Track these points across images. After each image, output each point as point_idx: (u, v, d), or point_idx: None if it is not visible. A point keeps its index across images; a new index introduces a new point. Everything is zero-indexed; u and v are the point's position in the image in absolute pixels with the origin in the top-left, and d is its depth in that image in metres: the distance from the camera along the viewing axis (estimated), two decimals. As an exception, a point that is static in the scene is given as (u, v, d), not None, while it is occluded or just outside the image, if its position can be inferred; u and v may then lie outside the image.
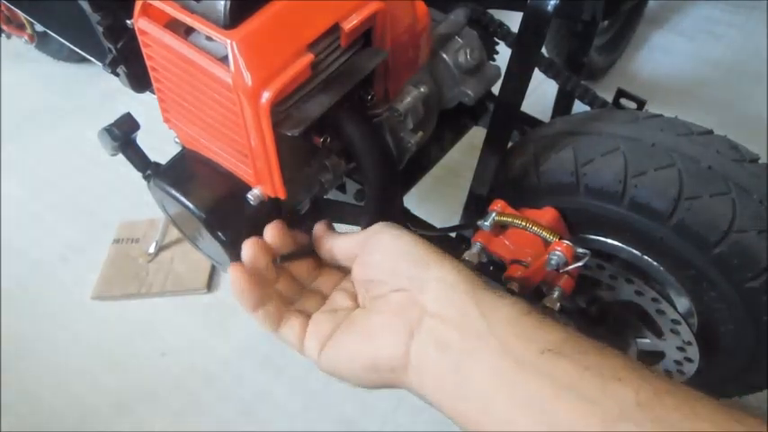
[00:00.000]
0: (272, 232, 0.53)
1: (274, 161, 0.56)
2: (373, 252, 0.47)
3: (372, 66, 0.60)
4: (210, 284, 1.25)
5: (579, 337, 0.37)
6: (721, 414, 0.32)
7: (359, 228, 0.65)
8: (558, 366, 0.36)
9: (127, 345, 1.18)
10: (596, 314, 0.81)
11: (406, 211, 0.86)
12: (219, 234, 0.61)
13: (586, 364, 0.35)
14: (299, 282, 0.54)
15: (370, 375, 0.43)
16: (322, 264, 0.55)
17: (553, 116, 1.03)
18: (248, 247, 0.51)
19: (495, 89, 0.74)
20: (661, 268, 0.73)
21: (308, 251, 0.56)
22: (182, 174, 0.65)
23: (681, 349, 0.77)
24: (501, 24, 0.84)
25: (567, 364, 0.35)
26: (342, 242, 0.52)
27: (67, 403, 1.10)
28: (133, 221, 1.37)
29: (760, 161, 0.70)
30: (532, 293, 0.74)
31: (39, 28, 1.21)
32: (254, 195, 0.60)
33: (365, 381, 0.44)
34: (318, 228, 0.55)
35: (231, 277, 0.49)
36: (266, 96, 0.51)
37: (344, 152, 0.68)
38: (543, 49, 1.12)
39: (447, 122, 0.87)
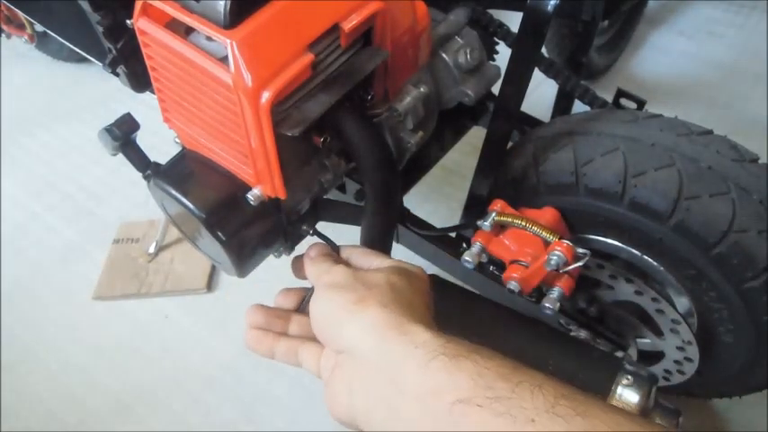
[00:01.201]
0: (281, 298, 0.60)
1: (274, 161, 0.56)
2: (312, 315, 0.50)
3: (372, 66, 0.60)
4: (210, 284, 1.25)
5: (490, 376, 0.38)
6: None
7: (359, 228, 0.65)
8: (468, 418, 0.36)
9: (127, 345, 1.18)
10: (596, 314, 0.81)
11: (406, 211, 0.86)
12: (219, 234, 0.61)
13: (499, 410, 0.36)
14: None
15: (342, 419, 0.46)
16: None
17: (553, 116, 1.03)
18: (250, 315, 0.57)
19: (495, 89, 0.74)
20: (661, 268, 0.73)
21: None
22: (182, 174, 0.65)
23: (680, 349, 0.77)
24: (501, 24, 0.84)
25: (478, 414, 0.36)
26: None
27: (67, 403, 1.10)
28: (133, 221, 1.37)
29: (760, 161, 0.70)
30: (532, 293, 0.74)
31: (39, 28, 1.21)
32: (254, 195, 0.60)
33: (345, 424, 0.47)
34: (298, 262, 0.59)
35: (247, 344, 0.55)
36: (266, 96, 0.51)
37: (344, 152, 0.68)
38: (543, 49, 1.12)
39: (447, 122, 0.87)
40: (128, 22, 0.59)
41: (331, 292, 0.48)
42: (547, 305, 0.70)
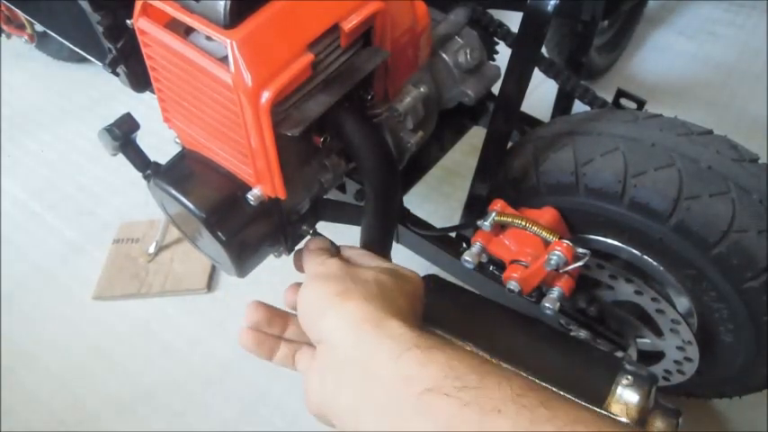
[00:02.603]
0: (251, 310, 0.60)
1: (274, 161, 0.56)
2: (298, 308, 0.50)
3: (372, 66, 0.60)
4: (210, 284, 1.25)
5: (461, 369, 0.38)
6: None
7: (359, 228, 0.65)
8: (436, 407, 0.37)
9: (127, 345, 1.18)
10: (596, 314, 0.81)
11: (406, 211, 0.86)
12: (219, 234, 0.61)
13: (466, 399, 0.36)
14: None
15: (318, 416, 0.48)
16: None
17: (553, 116, 1.03)
18: (249, 313, 0.58)
19: (495, 89, 0.74)
20: (661, 268, 0.73)
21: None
22: (182, 174, 0.65)
23: (680, 349, 0.77)
24: (501, 24, 0.84)
25: (446, 402, 0.37)
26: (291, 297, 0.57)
27: (67, 403, 1.10)
28: (133, 221, 1.37)
29: (759, 161, 0.70)
30: (532, 293, 0.74)
31: (39, 28, 1.21)
32: (254, 195, 0.60)
33: (322, 421, 0.49)
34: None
35: (240, 339, 0.58)
36: (266, 96, 0.51)
37: (344, 152, 0.68)
38: (543, 49, 1.12)
39: (447, 122, 0.87)
40: (128, 21, 0.59)
41: (318, 281, 0.49)
42: (547, 305, 0.70)
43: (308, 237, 0.65)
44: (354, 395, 0.42)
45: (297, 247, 0.64)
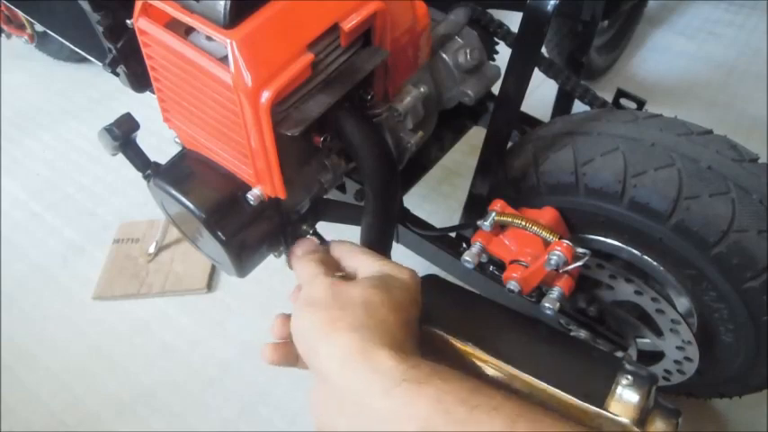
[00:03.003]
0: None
1: (274, 161, 0.56)
2: (293, 333, 0.51)
3: (372, 66, 0.60)
4: (210, 284, 1.25)
5: (450, 404, 0.39)
6: None
7: (359, 227, 0.65)
8: None
9: (127, 345, 1.18)
10: (596, 314, 0.81)
11: (406, 211, 0.86)
12: (219, 234, 0.61)
13: None
14: None
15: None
16: None
17: (553, 116, 1.03)
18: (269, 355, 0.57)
19: (495, 89, 0.74)
20: (661, 268, 0.73)
21: None
22: (182, 174, 0.65)
23: (680, 349, 0.77)
24: (501, 24, 0.84)
25: None
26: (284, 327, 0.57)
27: (67, 403, 1.10)
28: (133, 221, 1.37)
29: (759, 161, 0.70)
30: (532, 293, 0.74)
31: (39, 28, 1.21)
32: (253, 195, 0.60)
33: None
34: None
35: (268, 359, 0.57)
36: (266, 96, 0.51)
37: (344, 152, 0.69)
38: (543, 49, 1.12)
39: (447, 122, 0.87)
40: (128, 21, 0.59)
41: (307, 310, 0.49)
42: (547, 305, 0.70)
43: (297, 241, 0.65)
44: (351, 429, 0.42)
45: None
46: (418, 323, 0.51)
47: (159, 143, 0.77)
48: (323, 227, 0.74)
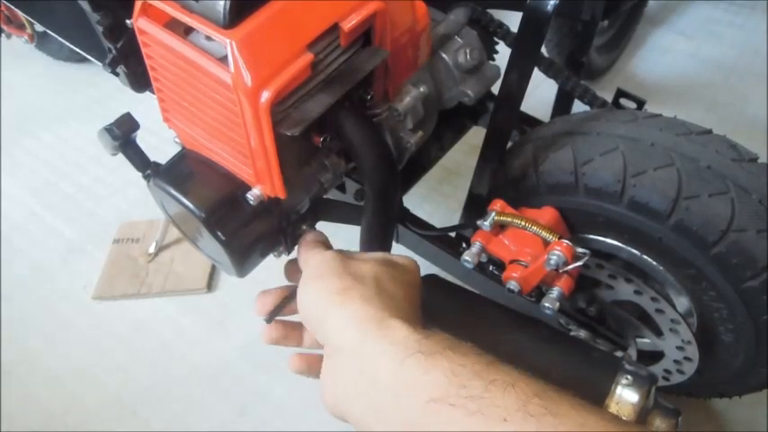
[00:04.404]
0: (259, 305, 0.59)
1: (274, 161, 0.56)
2: (299, 304, 0.50)
3: (372, 65, 0.60)
4: (210, 284, 1.25)
5: (465, 375, 0.38)
6: None
7: (359, 227, 0.65)
8: (441, 417, 0.37)
9: (127, 345, 1.18)
10: (596, 314, 0.81)
11: (406, 211, 0.86)
12: (219, 234, 0.61)
13: (471, 409, 0.36)
14: None
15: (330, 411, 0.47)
16: None
17: (553, 116, 1.03)
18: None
19: (495, 89, 0.74)
20: (660, 268, 0.73)
21: (289, 300, 0.59)
22: (181, 174, 0.65)
23: (680, 349, 0.77)
24: (501, 24, 0.84)
25: (450, 414, 0.37)
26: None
27: (67, 403, 1.10)
28: (133, 221, 1.37)
29: (759, 161, 0.70)
30: (532, 293, 0.74)
31: (39, 28, 1.21)
32: (253, 195, 0.60)
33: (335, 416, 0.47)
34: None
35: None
36: (266, 96, 0.51)
37: (344, 152, 0.68)
38: (543, 49, 1.12)
39: (447, 122, 0.87)
40: (127, 21, 0.59)
41: (317, 281, 0.48)
42: (546, 305, 0.70)
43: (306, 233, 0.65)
44: (362, 400, 0.41)
45: (289, 258, 0.64)
46: (420, 307, 0.51)
47: (159, 143, 0.77)
48: (323, 227, 0.74)
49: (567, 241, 0.65)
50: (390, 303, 0.45)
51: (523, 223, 0.67)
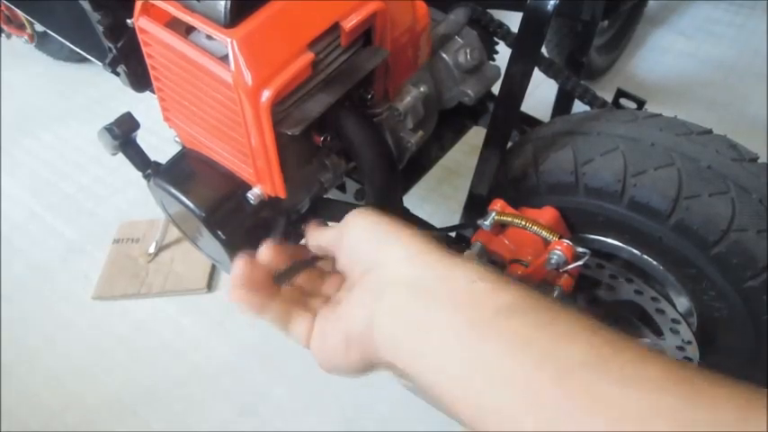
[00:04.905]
0: (265, 253, 0.51)
1: (275, 160, 0.56)
2: (346, 238, 0.48)
3: (373, 65, 0.60)
4: (210, 284, 1.25)
5: (532, 298, 0.38)
6: (674, 371, 0.33)
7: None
8: (509, 326, 0.36)
9: (127, 345, 1.18)
10: (596, 314, 0.81)
11: (406, 211, 0.86)
12: (219, 233, 0.62)
13: (538, 323, 0.36)
14: (303, 290, 0.53)
15: (351, 355, 0.44)
16: (324, 273, 0.54)
17: (553, 116, 1.03)
18: (239, 267, 0.48)
19: (495, 89, 0.74)
20: (661, 267, 0.73)
21: (304, 265, 0.53)
22: (182, 173, 0.65)
23: (680, 348, 0.77)
24: (501, 24, 0.84)
25: (519, 323, 0.36)
26: (326, 232, 0.52)
27: (67, 403, 1.10)
28: (133, 221, 1.37)
29: (759, 160, 0.70)
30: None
31: (39, 28, 1.21)
32: (254, 194, 0.60)
33: (352, 363, 0.45)
34: (310, 228, 0.54)
35: (231, 294, 0.48)
36: (266, 95, 0.51)
37: (344, 151, 0.69)
38: (543, 49, 1.12)
39: (447, 122, 0.87)
40: (128, 21, 0.59)
41: (369, 216, 0.47)
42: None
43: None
44: (419, 315, 0.40)
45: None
46: None
47: (159, 143, 0.77)
48: (323, 226, 0.74)
49: (567, 241, 0.65)
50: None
51: (524, 223, 0.67)
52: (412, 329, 0.40)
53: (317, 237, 0.52)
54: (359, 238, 0.47)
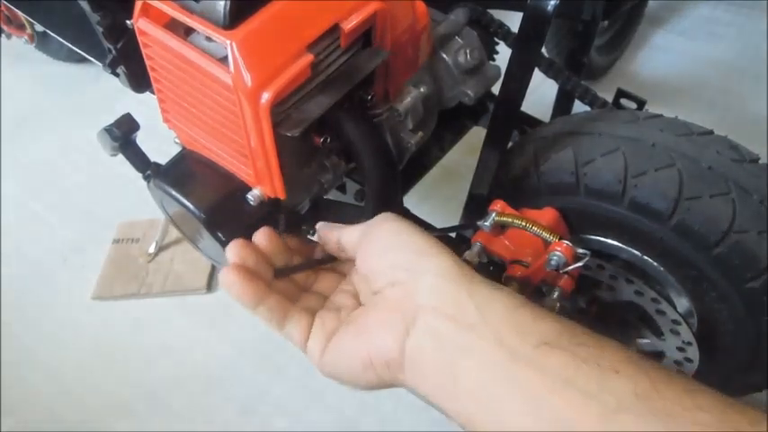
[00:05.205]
0: (260, 238, 0.49)
1: (274, 161, 0.56)
2: (374, 242, 0.46)
3: (372, 66, 0.60)
4: (210, 284, 1.25)
5: (576, 329, 0.37)
6: (721, 405, 0.32)
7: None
8: (553, 359, 0.35)
9: (127, 345, 1.18)
10: (596, 314, 0.81)
11: (406, 211, 0.86)
12: (219, 234, 0.61)
13: (583, 356, 0.35)
14: (297, 284, 0.51)
15: (368, 374, 0.42)
16: (318, 269, 0.52)
17: (553, 116, 1.03)
18: (234, 249, 0.46)
19: (495, 89, 0.74)
20: (661, 268, 0.73)
21: (316, 263, 0.52)
22: (181, 174, 0.65)
23: (681, 349, 0.77)
24: (501, 24, 0.84)
25: (563, 356, 0.35)
26: (348, 232, 0.49)
27: (67, 403, 1.10)
28: (133, 221, 1.37)
29: (760, 161, 0.70)
30: (532, 294, 0.74)
31: (39, 28, 1.21)
32: (253, 196, 0.60)
33: (363, 381, 0.43)
34: (322, 224, 0.52)
35: (224, 278, 0.45)
36: (266, 97, 0.51)
37: (344, 152, 0.68)
38: (543, 49, 1.12)
39: (447, 122, 0.87)
40: (128, 22, 0.59)
41: (398, 222, 0.45)
42: (547, 305, 0.70)
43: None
44: (458, 344, 0.38)
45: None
46: None
47: (159, 143, 0.77)
48: (323, 227, 0.74)
49: (567, 242, 0.65)
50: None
51: (524, 224, 0.67)
52: (449, 359, 0.38)
53: (338, 234, 0.49)
54: (387, 245, 0.44)
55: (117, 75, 0.80)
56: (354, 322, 0.44)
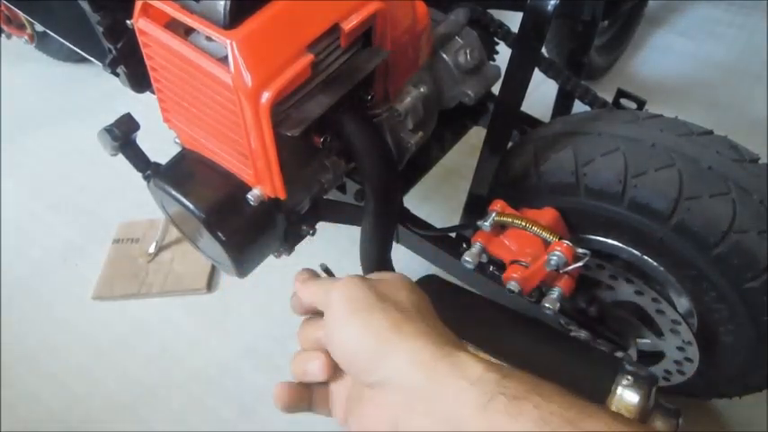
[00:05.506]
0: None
1: (274, 161, 0.56)
2: (332, 340, 0.45)
3: (372, 66, 0.60)
4: (210, 284, 1.25)
5: (555, 423, 0.35)
6: None
7: (359, 227, 0.65)
8: None
9: (127, 345, 1.18)
10: (596, 314, 0.81)
11: (406, 211, 0.86)
12: (219, 234, 0.62)
13: None
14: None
15: None
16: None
17: (553, 116, 1.03)
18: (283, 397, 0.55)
19: (495, 89, 0.74)
20: (661, 268, 0.73)
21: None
22: (181, 174, 0.65)
23: (681, 349, 0.77)
24: (501, 24, 0.84)
25: None
26: (311, 289, 0.50)
27: (67, 403, 1.10)
28: (133, 221, 1.37)
29: (760, 161, 0.70)
30: (532, 294, 0.74)
31: (39, 28, 1.21)
32: (253, 195, 0.60)
33: None
34: (299, 275, 0.52)
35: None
36: (266, 97, 0.51)
37: (344, 152, 0.68)
38: (543, 49, 1.12)
39: (447, 122, 0.87)
40: (128, 22, 0.59)
41: (357, 316, 0.43)
42: (547, 305, 0.70)
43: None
44: None
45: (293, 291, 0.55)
46: None
47: (159, 143, 0.77)
48: (323, 227, 0.74)
49: (567, 242, 0.65)
50: (442, 334, 0.42)
51: (524, 224, 0.67)
52: None
53: (304, 292, 0.50)
54: (353, 348, 0.43)
55: (117, 75, 0.80)
56: (358, 404, 0.46)
